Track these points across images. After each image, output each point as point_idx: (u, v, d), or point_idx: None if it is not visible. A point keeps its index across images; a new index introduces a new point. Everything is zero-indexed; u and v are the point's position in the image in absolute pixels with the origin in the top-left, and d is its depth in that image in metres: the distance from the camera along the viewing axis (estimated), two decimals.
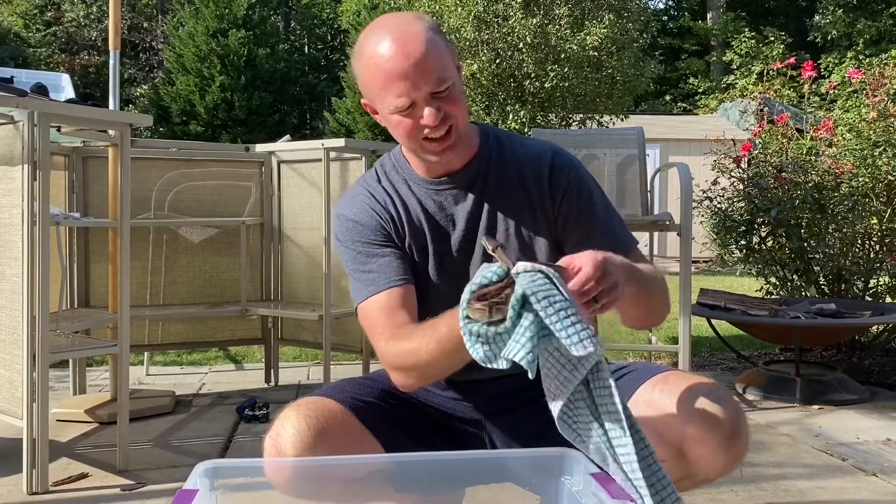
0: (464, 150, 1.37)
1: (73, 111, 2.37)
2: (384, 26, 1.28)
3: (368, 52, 1.27)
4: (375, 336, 1.32)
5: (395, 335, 1.28)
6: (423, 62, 1.23)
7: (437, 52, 1.25)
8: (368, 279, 1.34)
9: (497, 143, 1.41)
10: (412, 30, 1.25)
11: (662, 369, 1.33)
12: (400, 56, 1.23)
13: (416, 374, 1.28)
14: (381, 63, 1.24)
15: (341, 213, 1.42)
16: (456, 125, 1.29)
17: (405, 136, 1.30)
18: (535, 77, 8.46)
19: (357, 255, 1.37)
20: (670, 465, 1.23)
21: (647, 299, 1.26)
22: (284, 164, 3.51)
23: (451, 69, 1.28)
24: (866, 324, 3.38)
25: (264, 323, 3.60)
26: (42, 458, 2.12)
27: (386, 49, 1.24)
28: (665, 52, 22.88)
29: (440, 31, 1.31)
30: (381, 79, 1.25)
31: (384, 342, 1.30)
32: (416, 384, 1.32)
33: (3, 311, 2.22)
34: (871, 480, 2.28)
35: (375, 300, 1.32)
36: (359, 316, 1.36)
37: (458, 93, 1.30)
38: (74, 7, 22.21)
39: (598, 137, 3.87)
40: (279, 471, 1.16)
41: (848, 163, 3.72)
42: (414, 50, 1.23)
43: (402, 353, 1.26)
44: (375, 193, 1.41)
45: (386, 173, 1.44)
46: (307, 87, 19.72)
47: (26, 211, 2.10)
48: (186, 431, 2.80)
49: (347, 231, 1.39)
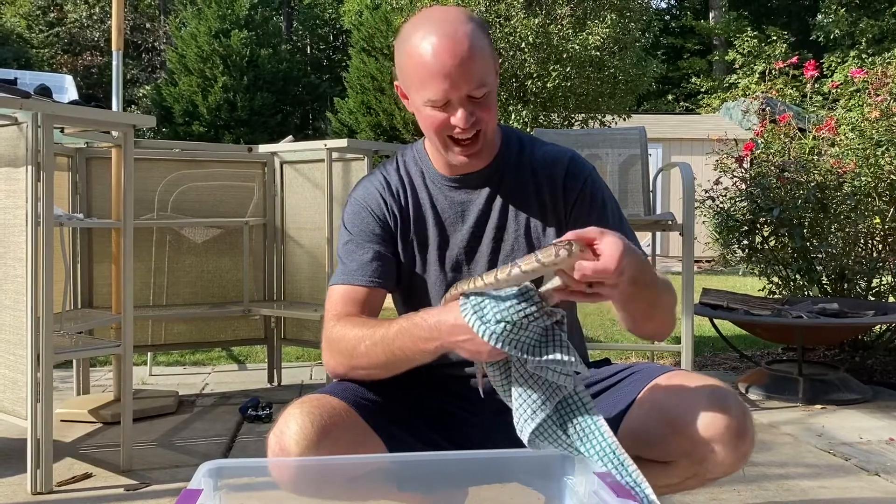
0: (486, 153, 1.38)
1: (76, 112, 2.38)
2: (436, 20, 1.27)
3: (414, 43, 1.27)
4: (326, 316, 1.36)
5: (345, 320, 1.32)
6: (467, 63, 1.24)
7: (482, 56, 1.26)
8: (348, 269, 1.38)
9: (518, 146, 1.44)
10: (463, 29, 1.25)
11: (667, 369, 1.34)
12: (447, 54, 1.23)
13: (351, 363, 1.30)
14: (426, 56, 1.24)
15: (354, 195, 1.46)
16: (484, 132, 1.32)
17: (432, 129, 1.31)
18: (538, 77, 8.46)
19: (348, 243, 1.41)
20: (677, 464, 1.23)
21: (646, 305, 1.24)
22: (287, 165, 3.51)
23: (491, 75, 1.29)
24: (869, 323, 3.38)
25: (267, 323, 3.60)
26: (46, 458, 2.12)
27: (434, 44, 1.24)
28: (667, 52, 22.85)
29: (488, 33, 1.31)
30: (424, 72, 1.25)
31: (333, 322, 1.34)
32: (345, 373, 1.33)
33: (7, 311, 2.23)
34: (874, 480, 2.28)
35: (344, 288, 1.37)
36: (327, 297, 1.40)
37: (493, 101, 1.31)
38: (77, 8, 22.25)
39: (600, 137, 3.86)
40: (283, 469, 1.17)
41: (850, 162, 3.71)
42: (461, 49, 1.24)
43: (348, 340, 1.29)
44: (390, 179, 1.44)
45: (405, 163, 1.46)
46: (309, 88, 19.73)
47: (30, 212, 2.11)
48: (190, 431, 2.80)
49: (352, 214, 1.43)
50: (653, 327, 1.33)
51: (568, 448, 1.13)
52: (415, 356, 1.22)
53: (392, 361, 1.25)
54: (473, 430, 1.43)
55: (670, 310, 1.32)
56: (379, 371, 1.29)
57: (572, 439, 1.13)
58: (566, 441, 1.13)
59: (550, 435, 1.13)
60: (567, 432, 1.13)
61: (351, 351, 1.28)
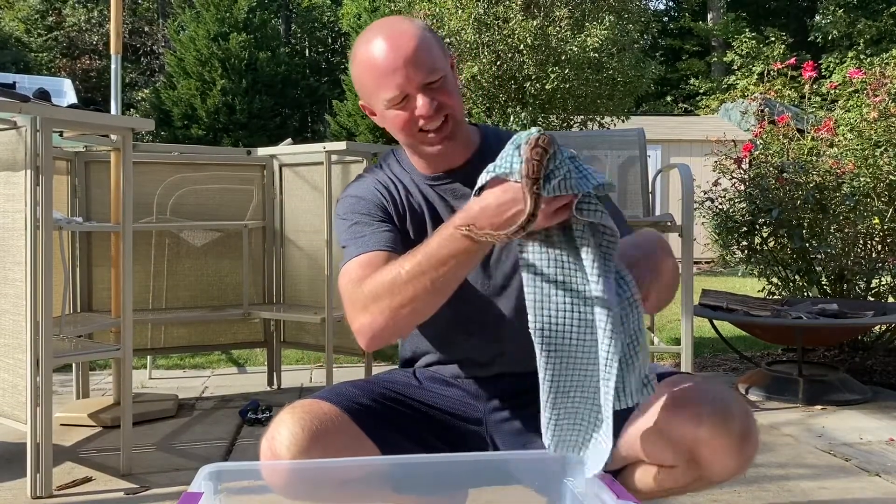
0: (464, 146, 1.39)
1: (75, 116, 2.38)
2: (377, 27, 1.33)
3: (361, 52, 1.32)
4: (348, 288, 1.26)
5: (370, 277, 1.24)
6: (413, 54, 1.27)
7: (426, 45, 1.30)
8: (360, 242, 1.32)
9: (497, 140, 1.43)
10: (402, 27, 1.31)
11: (669, 372, 1.34)
12: (391, 51, 1.28)
13: (393, 301, 1.19)
14: (374, 59, 1.29)
15: (345, 193, 1.45)
16: (452, 115, 1.33)
17: (402, 130, 1.33)
18: (536, 79, 8.46)
19: (353, 225, 1.36)
20: (681, 467, 1.24)
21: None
22: (286, 168, 3.52)
23: (441, 62, 1.31)
24: (869, 324, 3.38)
25: (267, 326, 3.60)
26: (46, 462, 2.12)
27: (377, 47, 1.29)
28: (666, 53, 22.87)
29: (432, 31, 1.35)
30: (375, 75, 1.29)
31: (356, 284, 1.24)
32: (387, 321, 1.20)
33: (6, 315, 2.23)
34: (875, 480, 2.28)
35: (360, 257, 1.30)
36: (339, 280, 1.31)
37: (452, 85, 1.33)
38: (76, 12, 22.25)
39: (599, 139, 3.87)
40: (275, 473, 1.17)
41: (849, 163, 3.72)
42: (404, 44, 1.28)
43: (382, 279, 1.20)
44: (380, 178, 1.45)
45: (389, 165, 1.48)
46: (308, 91, 19.72)
47: (29, 216, 2.11)
48: (190, 435, 2.80)
49: (349, 206, 1.41)
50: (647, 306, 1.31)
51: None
52: (465, 259, 1.15)
53: (441, 277, 1.15)
54: (470, 432, 1.43)
55: (667, 285, 1.26)
56: (427, 298, 1.18)
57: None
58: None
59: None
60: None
61: (390, 288, 1.19)
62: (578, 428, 1.13)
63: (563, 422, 1.12)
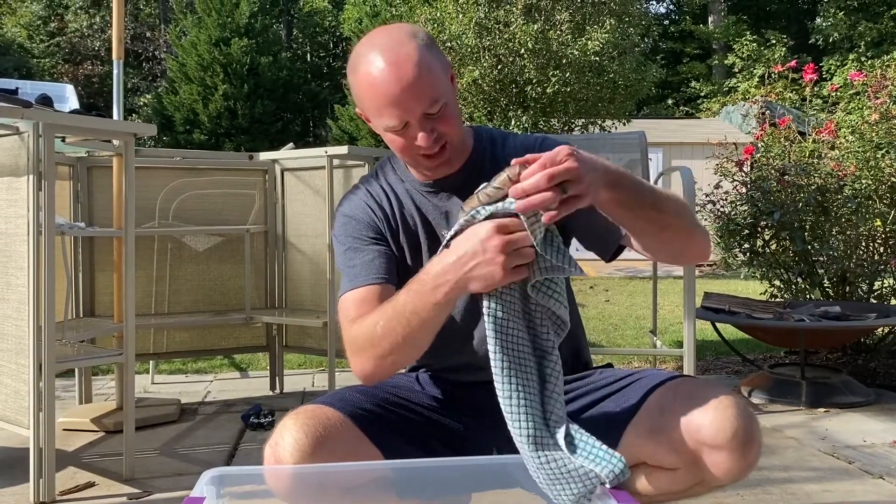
0: (458, 156, 1.38)
1: (77, 122, 2.39)
2: (377, 45, 1.27)
3: (362, 72, 1.27)
4: (344, 324, 1.33)
5: (358, 321, 1.29)
6: (415, 85, 1.23)
7: (428, 72, 1.25)
8: (351, 274, 1.37)
9: (490, 142, 1.44)
10: (404, 51, 1.24)
11: (672, 376, 1.33)
12: (392, 80, 1.23)
13: (374, 352, 1.25)
14: (375, 87, 1.25)
15: (339, 210, 1.46)
16: (450, 141, 1.32)
17: (399, 151, 1.34)
18: (537, 82, 8.48)
19: (346, 251, 1.40)
20: (683, 471, 1.23)
21: (649, 224, 1.21)
22: (288, 172, 3.52)
23: (443, 87, 1.28)
24: (871, 326, 3.37)
25: (269, 330, 3.60)
26: (49, 467, 2.12)
27: (378, 71, 1.24)
28: (667, 56, 22.90)
29: (433, 45, 1.30)
30: (375, 101, 1.26)
31: (349, 325, 1.31)
32: (374, 369, 1.27)
33: (9, 321, 2.23)
34: (878, 483, 2.28)
35: (353, 294, 1.35)
36: (338, 312, 1.38)
37: (452, 110, 1.31)
38: (78, 18, 22.32)
39: (600, 142, 3.86)
40: (279, 479, 1.17)
41: (851, 165, 3.71)
42: (406, 73, 1.23)
43: (365, 330, 1.26)
44: (372, 190, 1.45)
45: (385, 173, 1.47)
46: (310, 95, 19.76)
47: (32, 221, 2.11)
48: (192, 439, 2.80)
49: (342, 226, 1.43)
50: (669, 251, 1.30)
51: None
52: (429, 315, 1.18)
53: (410, 332, 1.20)
54: (473, 436, 1.43)
55: (687, 232, 1.27)
56: (404, 350, 1.23)
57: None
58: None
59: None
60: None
61: (370, 339, 1.24)
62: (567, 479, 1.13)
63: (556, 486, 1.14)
